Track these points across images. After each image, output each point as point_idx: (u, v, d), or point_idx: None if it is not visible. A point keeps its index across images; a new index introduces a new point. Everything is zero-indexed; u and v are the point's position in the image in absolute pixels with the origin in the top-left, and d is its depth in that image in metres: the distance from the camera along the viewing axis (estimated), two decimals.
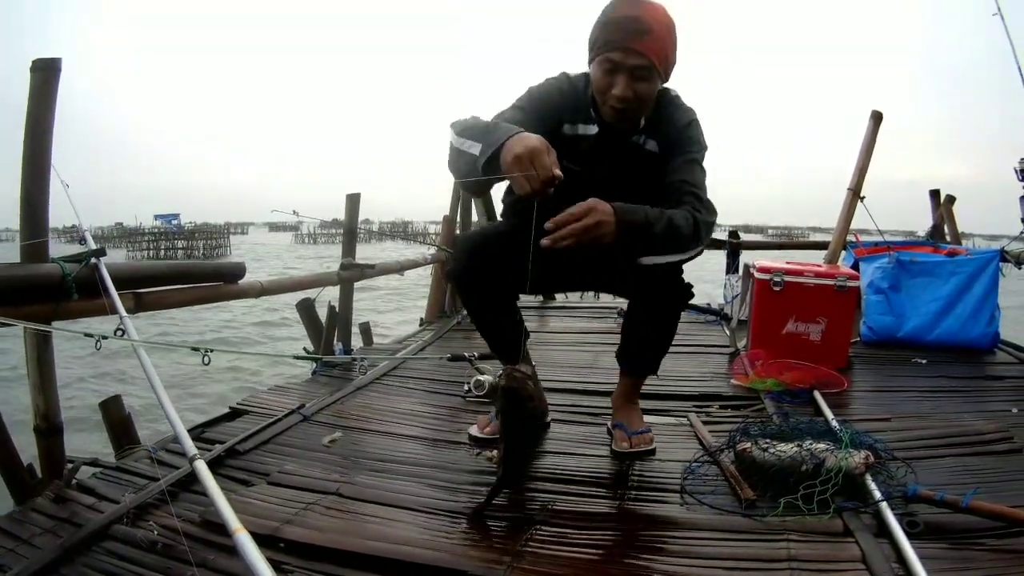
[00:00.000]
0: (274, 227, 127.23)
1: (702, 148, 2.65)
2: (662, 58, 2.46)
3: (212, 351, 2.45)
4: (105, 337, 2.27)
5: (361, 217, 5.78)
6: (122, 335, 2.42)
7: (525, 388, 2.26)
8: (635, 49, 2.40)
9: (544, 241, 2.10)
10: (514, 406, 2.27)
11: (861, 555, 2.01)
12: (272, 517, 2.22)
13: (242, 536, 1.51)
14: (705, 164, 2.64)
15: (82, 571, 1.98)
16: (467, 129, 2.32)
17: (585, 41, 2.57)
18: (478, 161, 2.20)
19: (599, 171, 2.57)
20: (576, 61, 2.70)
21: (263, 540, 2.03)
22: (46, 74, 2.78)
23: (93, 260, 2.83)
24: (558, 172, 2.05)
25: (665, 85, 2.64)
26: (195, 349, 2.47)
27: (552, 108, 2.60)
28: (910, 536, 2.07)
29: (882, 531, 2.16)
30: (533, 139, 2.08)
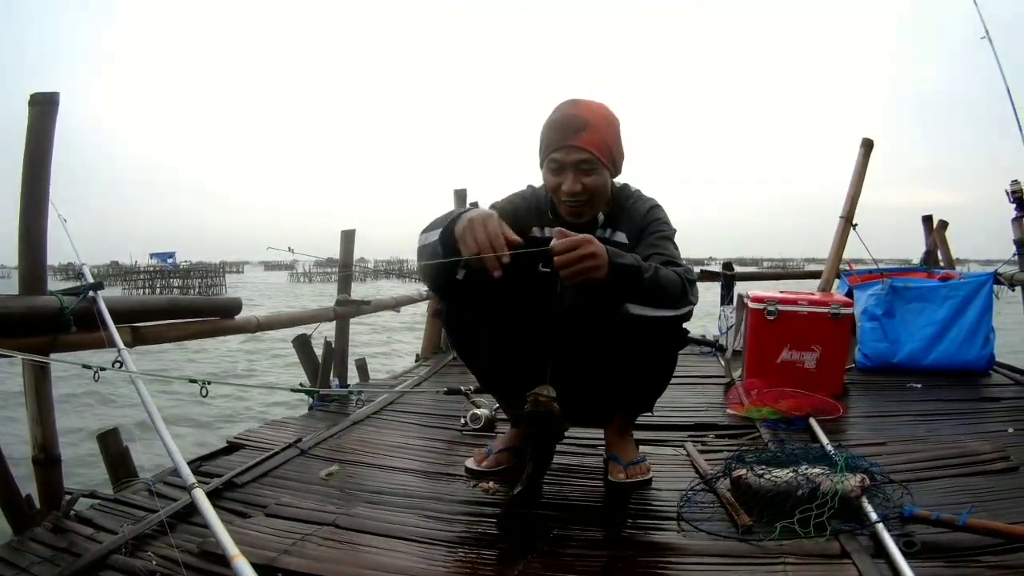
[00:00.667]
0: (270, 266, 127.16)
1: (670, 228, 2.71)
2: (603, 150, 2.54)
3: (210, 383, 2.46)
4: (103, 368, 2.29)
5: (357, 255, 5.81)
6: (120, 367, 2.43)
7: (552, 410, 2.28)
8: (575, 145, 2.50)
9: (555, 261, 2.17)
10: (540, 429, 2.31)
11: None
12: (269, 547, 2.21)
13: (240, 563, 1.52)
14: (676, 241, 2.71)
15: None
16: (427, 226, 2.50)
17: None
18: (436, 244, 2.34)
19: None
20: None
21: (260, 570, 2.01)
22: (44, 107, 2.83)
23: (91, 293, 2.85)
24: (510, 234, 2.18)
25: (625, 182, 2.78)
26: (193, 380, 2.48)
27: (517, 216, 2.67)
28: (907, 556, 2.08)
29: (879, 552, 2.16)
30: (486, 211, 2.26)
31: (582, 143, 2.49)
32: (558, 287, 2.27)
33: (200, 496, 1.92)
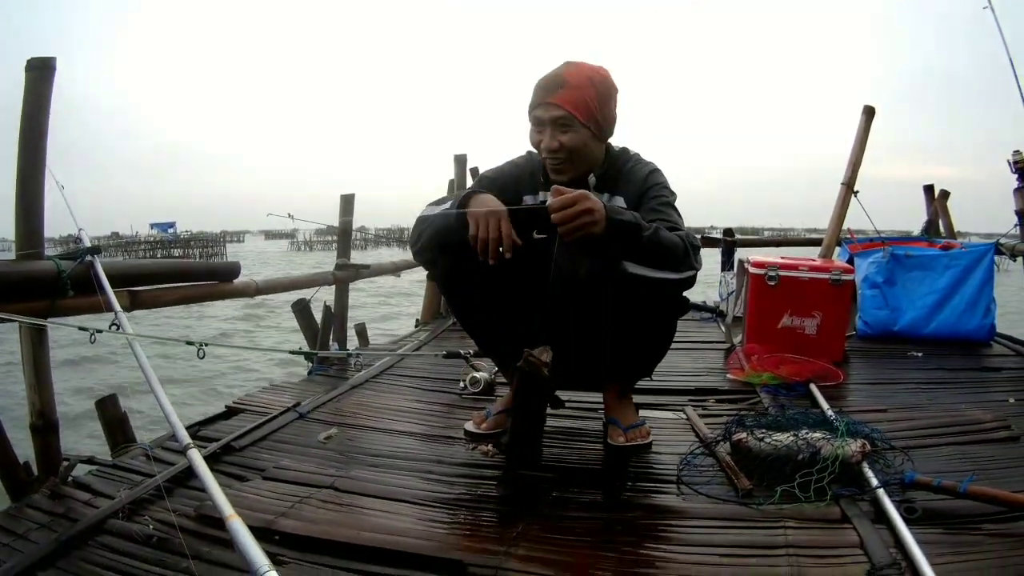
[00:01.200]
0: (270, 235, 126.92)
1: (671, 193, 2.69)
2: (580, 108, 2.53)
3: (207, 345, 2.44)
4: (100, 331, 2.26)
5: (357, 223, 5.77)
6: (117, 329, 2.41)
7: (540, 374, 2.29)
8: (552, 103, 2.52)
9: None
10: (528, 388, 2.33)
11: (859, 541, 2.00)
12: (267, 510, 2.21)
13: (235, 523, 1.50)
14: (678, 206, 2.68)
15: (78, 564, 1.96)
16: (434, 202, 2.61)
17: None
18: (449, 212, 2.41)
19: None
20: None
21: (258, 533, 1.98)
22: (41, 72, 2.79)
23: (88, 258, 2.84)
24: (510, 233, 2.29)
25: (624, 146, 2.78)
26: (190, 343, 2.46)
27: (509, 182, 2.73)
28: (908, 522, 2.06)
29: (880, 517, 2.15)
30: (495, 201, 2.36)
31: (558, 100, 2.50)
32: (555, 250, 2.27)
33: (196, 457, 1.90)
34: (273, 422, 3.19)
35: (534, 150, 2.68)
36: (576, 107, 2.51)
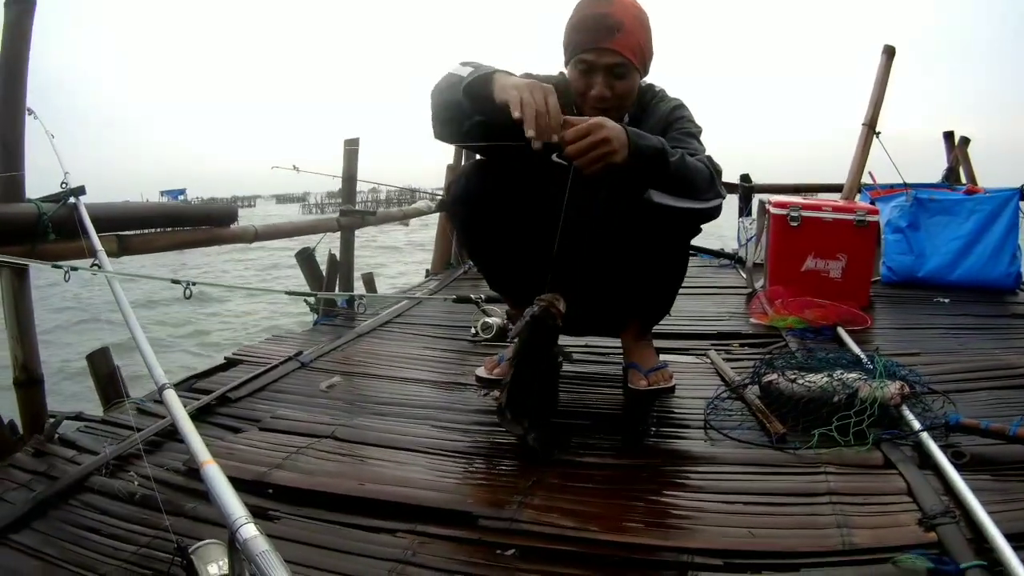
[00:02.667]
0: (281, 199, 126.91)
1: (696, 125, 2.51)
2: (637, 53, 2.34)
3: (195, 284, 2.28)
4: (75, 268, 2.12)
5: (368, 186, 5.61)
6: (98, 269, 2.26)
7: (553, 322, 2.11)
8: (608, 48, 2.29)
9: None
10: (536, 338, 2.13)
11: (907, 487, 1.85)
12: (260, 462, 2.05)
13: (211, 468, 1.34)
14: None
15: (56, 525, 1.84)
16: (461, 63, 2.26)
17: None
18: (462, 82, 2.12)
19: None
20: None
21: (249, 487, 1.90)
22: (21, 6, 2.66)
23: (72, 200, 2.69)
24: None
25: (649, 81, 2.55)
26: (176, 282, 2.30)
27: None
28: (956, 467, 1.90)
29: (925, 463, 2.00)
30: (541, 83, 2.00)
31: (616, 46, 2.28)
32: (569, 181, 2.07)
33: (171, 397, 1.74)
34: (272, 372, 3.03)
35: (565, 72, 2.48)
36: (633, 52, 2.32)
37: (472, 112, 2.15)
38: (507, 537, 1.68)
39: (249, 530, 1.19)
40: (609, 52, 2.29)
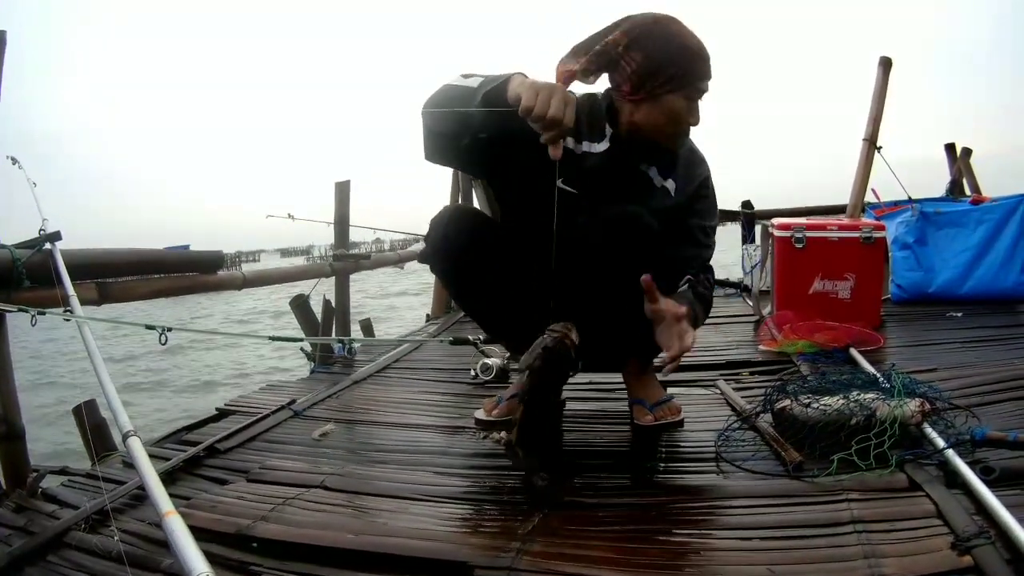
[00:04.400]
0: (286, 252, 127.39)
1: (715, 208, 2.57)
2: None
3: (171, 329, 2.17)
4: (43, 312, 2.03)
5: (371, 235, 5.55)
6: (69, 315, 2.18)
7: (567, 352, 2.03)
8: (711, 76, 2.29)
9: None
10: (550, 367, 2.03)
11: (936, 509, 1.73)
12: (245, 515, 1.93)
13: (172, 520, 1.25)
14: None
15: None
16: (464, 74, 2.15)
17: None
18: (476, 94, 2.01)
19: (597, 194, 2.32)
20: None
21: (232, 540, 1.80)
22: None
23: (47, 246, 2.62)
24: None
25: None
26: (150, 327, 2.19)
27: None
28: (987, 484, 1.79)
29: (953, 482, 1.88)
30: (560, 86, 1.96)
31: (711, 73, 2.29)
32: (580, 215, 1.98)
33: (135, 446, 1.66)
34: (264, 422, 2.93)
35: (596, 93, 2.41)
36: None
37: (479, 127, 2.06)
38: None
39: None
40: (709, 80, 2.29)
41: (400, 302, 19.37)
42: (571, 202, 2.08)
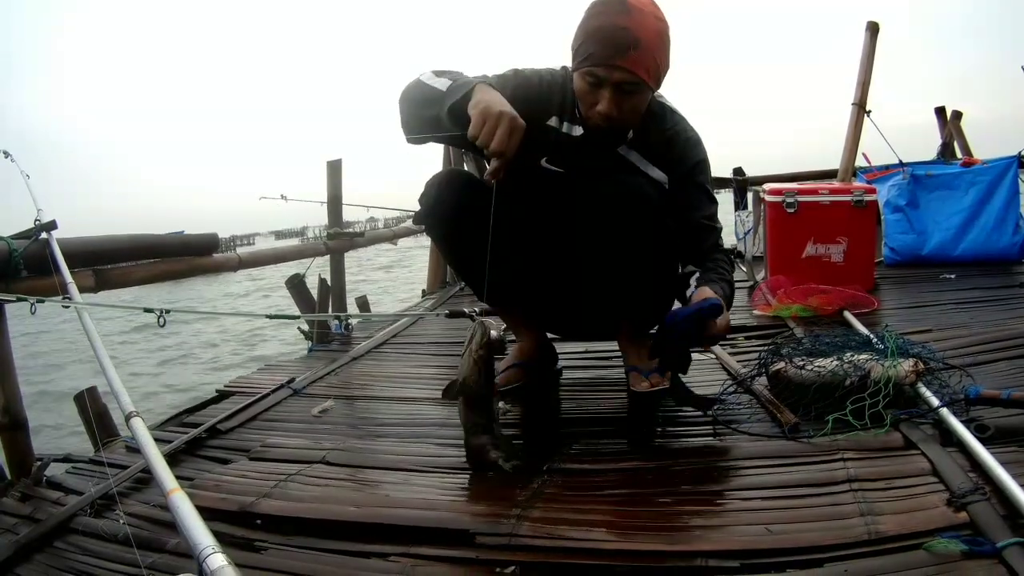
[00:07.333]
0: (281, 235, 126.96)
1: (710, 177, 2.43)
2: (651, 71, 2.13)
3: (168, 311, 2.17)
4: (42, 300, 2.03)
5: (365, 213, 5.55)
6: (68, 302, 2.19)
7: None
8: (619, 65, 2.08)
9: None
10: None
11: (931, 467, 1.76)
12: (248, 492, 1.94)
13: (176, 497, 1.26)
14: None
15: (40, 568, 1.77)
16: (438, 72, 2.16)
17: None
18: (444, 99, 2.03)
19: (579, 174, 2.29)
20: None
21: (236, 518, 1.82)
22: None
23: (43, 235, 2.61)
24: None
25: (660, 98, 2.37)
26: (148, 311, 2.19)
27: (542, 95, 2.32)
28: (982, 441, 1.81)
29: (948, 440, 1.92)
30: (512, 113, 1.90)
31: (629, 64, 2.07)
32: (578, 189, 1.98)
33: (138, 425, 1.66)
34: (264, 401, 2.94)
35: (569, 67, 2.32)
36: (647, 71, 2.11)
37: (448, 129, 2.06)
38: (506, 553, 1.56)
39: (216, 560, 1.12)
40: (621, 69, 2.08)
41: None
42: (560, 180, 2.08)
